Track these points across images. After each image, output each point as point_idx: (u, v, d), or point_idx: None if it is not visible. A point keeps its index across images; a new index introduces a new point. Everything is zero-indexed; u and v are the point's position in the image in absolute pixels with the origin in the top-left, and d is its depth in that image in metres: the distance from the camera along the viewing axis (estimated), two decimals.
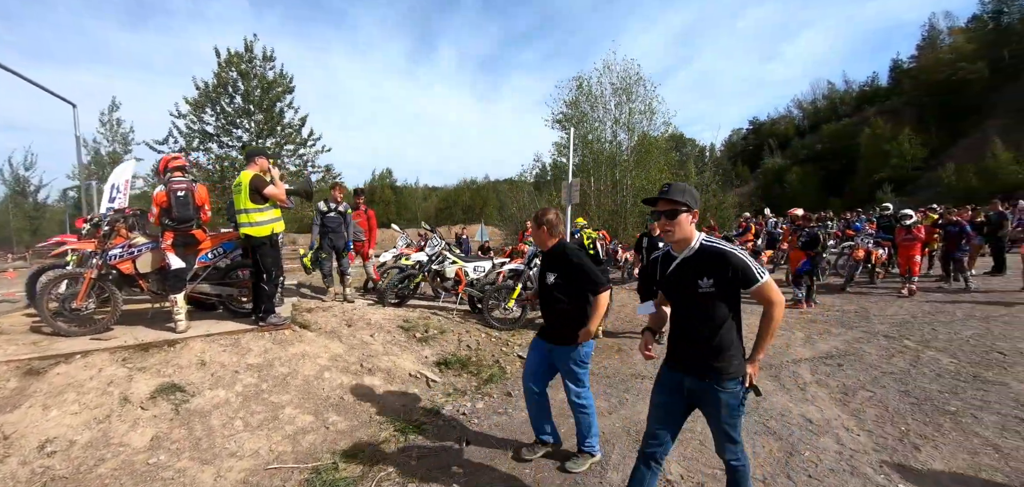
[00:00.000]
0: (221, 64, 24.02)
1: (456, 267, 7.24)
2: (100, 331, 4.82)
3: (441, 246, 7.23)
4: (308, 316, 5.52)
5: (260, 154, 4.74)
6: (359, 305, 6.81)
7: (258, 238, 4.64)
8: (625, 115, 25.02)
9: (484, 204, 71.42)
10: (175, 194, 4.68)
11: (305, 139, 25.99)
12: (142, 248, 4.81)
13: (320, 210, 7.06)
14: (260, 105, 24.64)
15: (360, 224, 7.68)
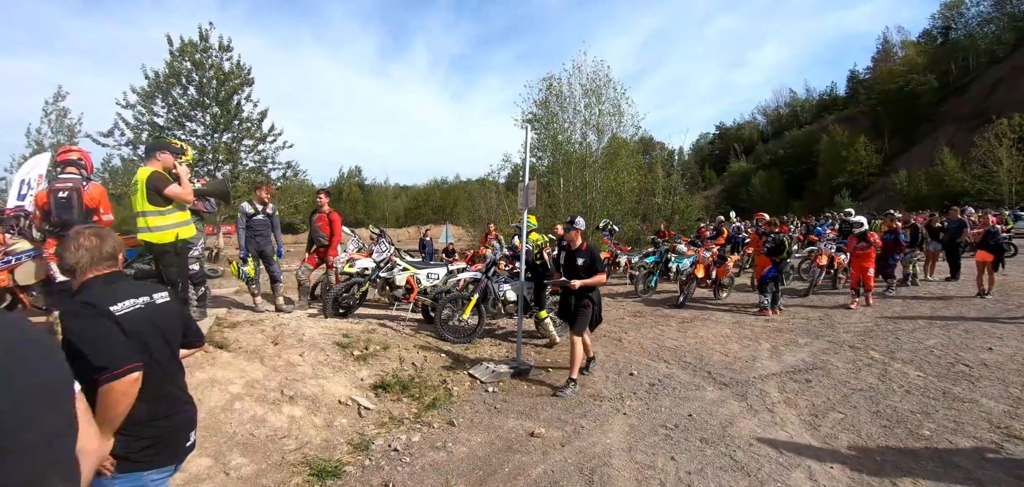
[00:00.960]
0: (173, 53, 22.62)
1: (407, 275, 6.70)
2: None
3: (390, 251, 6.66)
4: (229, 333, 4.88)
5: (163, 148, 4.09)
6: (295, 318, 6.17)
7: (159, 245, 3.99)
8: (594, 116, 24.88)
9: (454, 204, 70.52)
10: (55, 195, 3.98)
11: (264, 134, 24.78)
12: (21, 257, 4.09)
13: (245, 212, 6.36)
14: (216, 98, 23.32)
15: (321, 227, 6.96)
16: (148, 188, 3.92)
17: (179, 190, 4.00)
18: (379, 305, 7.78)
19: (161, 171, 4.02)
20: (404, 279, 6.65)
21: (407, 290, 6.74)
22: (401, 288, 6.69)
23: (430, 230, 15.63)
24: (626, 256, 12.86)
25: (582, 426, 4.00)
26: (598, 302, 5.06)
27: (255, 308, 6.55)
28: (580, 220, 5.08)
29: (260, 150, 25.03)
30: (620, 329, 7.53)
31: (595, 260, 4.92)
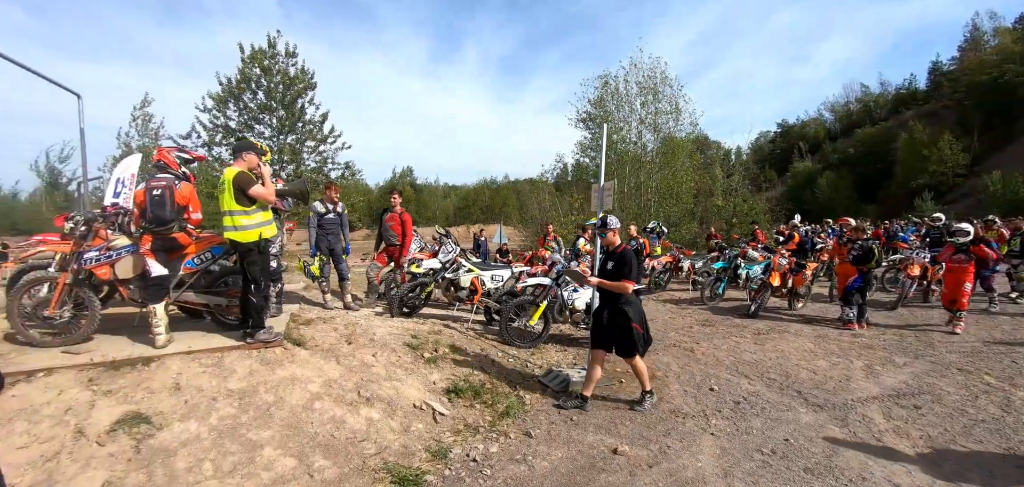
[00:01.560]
0: (244, 60, 24.00)
1: (472, 276, 6.63)
2: (76, 341, 4.34)
3: (456, 252, 6.62)
4: (305, 331, 4.97)
5: (249, 149, 4.19)
6: (363, 316, 6.24)
7: (244, 244, 4.09)
8: (651, 115, 24.14)
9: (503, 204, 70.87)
10: (150, 193, 4.16)
11: (325, 136, 25.80)
12: (121, 252, 4.31)
13: (317, 211, 6.51)
14: (282, 101, 24.54)
15: (393, 227, 7.05)
16: (234, 188, 4.02)
17: (262, 190, 4.08)
18: (440, 305, 7.79)
19: (246, 171, 4.12)
20: (469, 281, 6.59)
21: (471, 292, 6.67)
22: (465, 289, 6.63)
23: (485, 230, 15.60)
24: (689, 260, 12.27)
25: (668, 446, 3.74)
26: (638, 319, 4.28)
27: (325, 305, 6.70)
28: (613, 219, 4.47)
29: (321, 151, 26.08)
30: (690, 339, 7.14)
31: (623, 265, 4.22)
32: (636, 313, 4.27)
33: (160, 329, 4.14)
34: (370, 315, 6.42)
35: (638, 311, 4.32)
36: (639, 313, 4.32)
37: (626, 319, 4.22)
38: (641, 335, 4.29)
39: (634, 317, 4.24)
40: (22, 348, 4.21)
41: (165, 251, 4.23)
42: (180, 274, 4.40)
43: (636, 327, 4.24)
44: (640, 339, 4.29)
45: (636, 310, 4.29)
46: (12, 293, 4.27)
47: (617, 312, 4.27)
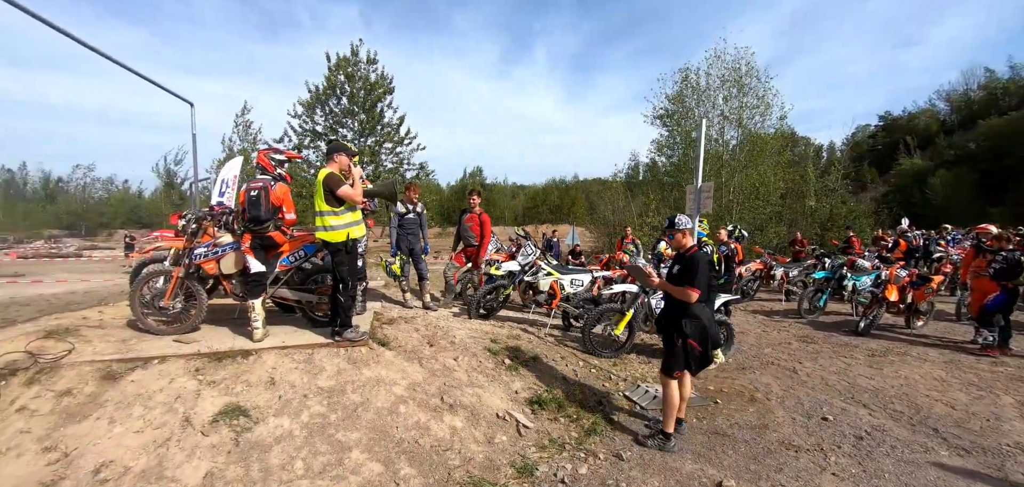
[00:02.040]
0: (331, 68, 25.59)
1: (551, 280, 6.40)
2: (186, 330, 4.66)
3: (535, 255, 6.43)
4: (388, 331, 5.00)
5: (341, 150, 4.25)
6: (442, 316, 6.23)
7: (333, 243, 4.15)
8: (734, 110, 22.58)
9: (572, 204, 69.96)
10: (248, 194, 4.35)
11: (402, 138, 26.85)
12: (226, 248, 4.55)
13: (398, 212, 6.60)
14: (363, 106, 25.87)
15: (472, 228, 7.05)
16: (325, 188, 4.09)
17: (350, 191, 4.12)
18: (515, 307, 7.65)
19: (337, 172, 4.18)
20: (548, 284, 6.37)
21: (549, 296, 6.45)
22: (544, 294, 6.42)
23: (557, 231, 15.29)
24: (782, 268, 11.23)
25: (782, 484, 3.28)
26: (696, 334, 3.66)
27: (404, 304, 6.79)
28: (682, 219, 3.80)
29: (398, 153, 27.21)
30: (790, 357, 6.43)
31: (689, 270, 3.63)
32: (696, 328, 3.65)
33: (257, 323, 4.32)
34: (448, 316, 6.40)
35: (700, 327, 3.66)
36: (700, 329, 3.67)
37: (680, 330, 3.67)
38: (696, 353, 3.69)
39: (692, 331, 3.64)
40: (141, 335, 4.57)
41: (263, 249, 4.41)
42: (276, 271, 4.57)
43: (692, 343, 3.65)
44: (691, 357, 3.69)
45: (697, 325, 3.66)
46: (134, 284, 4.66)
47: (674, 321, 3.74)
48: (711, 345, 3.77)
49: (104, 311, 5.42)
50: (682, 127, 22.17)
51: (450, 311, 6.87)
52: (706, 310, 3.77)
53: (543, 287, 6.39)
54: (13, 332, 4.32)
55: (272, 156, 4.46)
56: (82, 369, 3.82)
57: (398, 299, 7.14)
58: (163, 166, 40.30)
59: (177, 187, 40.61)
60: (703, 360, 3.78)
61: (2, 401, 3.54)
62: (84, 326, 4.71)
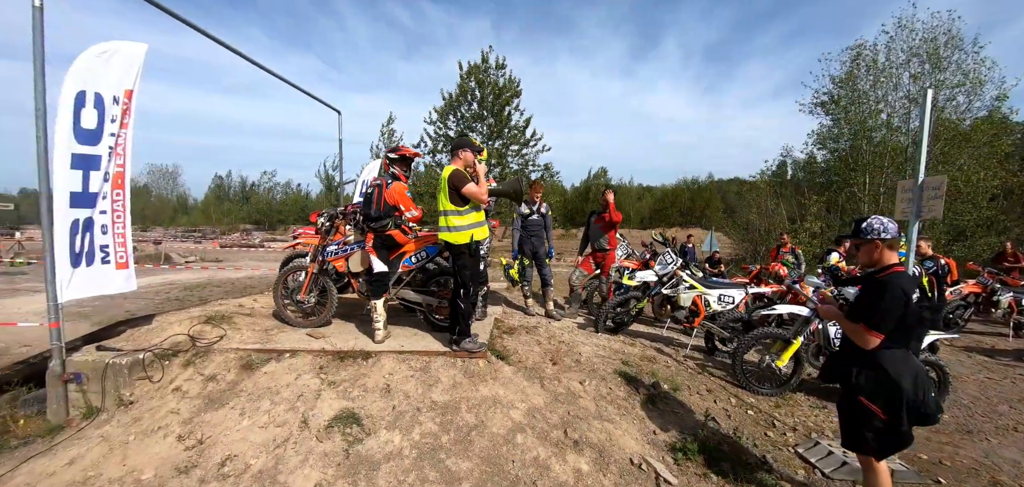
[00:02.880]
0: (463, 75, 26.84)
1: (694, 294, 5.46)
2: (318, 324, 4.79)
3: (675, 265, 5.54)
4: (508, 342, 4.59)
5: (466, 146, 3.94)
6: (566, 327, 5.67)
7: (456, 245, 3.85)
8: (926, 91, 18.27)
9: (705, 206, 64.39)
10: (364, 191, 4.26)
11: (528, 140, 27.08)
12: (353, 247, 4.56)
13: (521, 213, 6.20)
14: (492, 109, 26.65)
15: (604, 231, 6.43)
16: (449, 186, 3.81)
17: (475, 189, 3.77)
18: (644, 319, 6.76)
19: (461, 169, 3.87)
20: (690, 299, 5.44)
21: (691, 313, 5.51)
22: (684, 309, 5.50)
23: (692, 236, 13.77)
24: (1010, 292, 8.52)
25: None
26: (880, 394, 2.43)
27: (526, 309, 6.39)
28: (880, 222, 2.54)
29: (524, 154, 27.49)
30: None
31: (871, 299, 2.44)
32: (878, 386, 2.43)
33: (379, 324, 4.21)
34: (573, 328, 5.83)
35: (887, 384, 2.40)
36: (886, 387, 2.40)
37: (851, 388, 2.53)
38: (878, 424, 2.43)
39: (868, 388, 2.45)
40: (281, 326, 4.80)
41: (386, 248, 4.30)
42: (399, 271, 4.45)
43: (872, 408, 2.44)
44: (869, 426, 2.46)
45: (878, 380, 2.43)
46: (278, 278, 4.92)
47: (843, 372, 2.60)
48: (911, 413, 2.39)
49: (258, 299, 5.90)
50: (852, 114, 18.60)
51: (574, 322, 6.29)
52: (901, 360, 2.42)
53: (684, 302, 5.47)
54: (182, 316, 4.82)
55: (389, 154, 4.37)
56: (227, 356, 4.04)
57: (520, 304, 6.77)
58: (323, 171, 46.31)
59: (335, 189, 46.44)
60: (893, 437, 2.45)
61: (164, 380, 3.87)
62: (238, 314, 5.11)
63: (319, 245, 4.67)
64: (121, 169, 3.92)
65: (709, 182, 70.48)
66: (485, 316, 5.29)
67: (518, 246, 6.17)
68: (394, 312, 4.86)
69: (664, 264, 5.57)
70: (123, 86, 3.90)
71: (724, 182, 75.16)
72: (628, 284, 5.70)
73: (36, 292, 9.03)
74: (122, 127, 3.91)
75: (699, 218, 64.23)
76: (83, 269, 3.85)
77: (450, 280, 4.37)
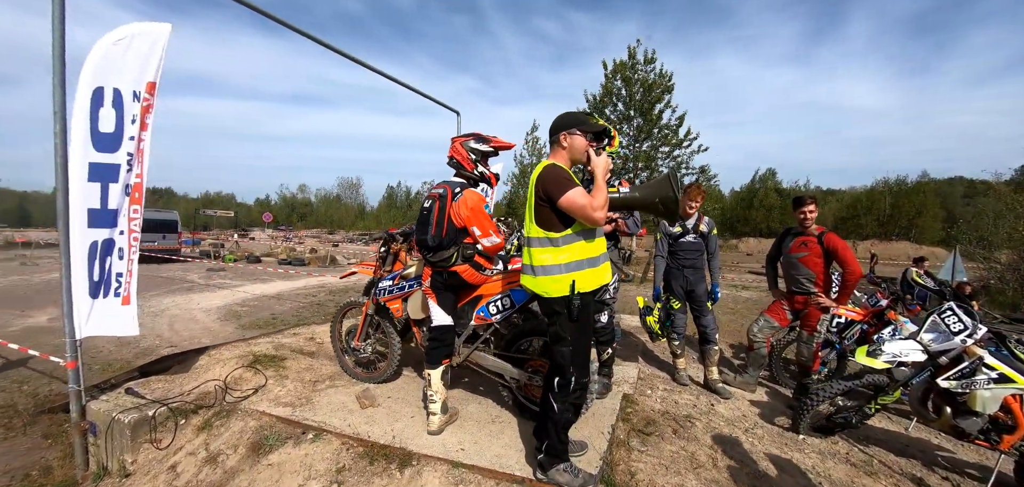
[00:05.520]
0: (608, 75, 24.89)
1: (1007, 392, 2.88)
2: (380, 380, 3.57)
3: (969, 334, 2.98)
4: (639, 459, 2.74)
5: (574, 125, 2.23)
6: (740, 415, 3.54)
7: (546, 299, 2.18)
8: None
9: (918, 215, 51.05)
10: (421, 209, 2.79)
11: (681, 139, 23.97)
12: (413, 284, 3.20)
13: (668, 232, 4.20)
14: (639, 108, 24.18)
15: (806, 261, 3.92)
16: (537, 196, 2.16)
17: (583, 200, 2.05)
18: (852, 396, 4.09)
19: (561, 166, 2.19)
20: (997, 401, 2.88)
21: (999, 427, 2.95)
22: (979, 418, 2.95)
23: (926, 260, 9.62)
24: None
25: None
26: None
27: (675, 373, 4.37)
28: None
29: (676, 155, 24.39)
30: None
31: None
32: None
33: (435, 406, 2.75)
34: (752, 417, 3.67)
35: None
36: None
37: None
38: None
39: None
40: (333, 380, 3.68)
41: (451, 290, 2.82)
42: (471, 324, 2.93)
43: None
44: None
45: None
46: (335, 314, 3.83)
47: None
48: None
49: None
50: None
51: (750, 395, 4.09)
52: None
53: (983, 406, 2.91)
54: (236, 352, 4.02)
55: (469, 145, 2.80)
56: (246, 424, 3.00)
57: (665, 361, 4.78)
58: None
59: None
60: None
61: (171, 446, 2.96)
62: (296, 353, 4.18)
63: (375, 278, 3.42)
64: (140, 180, 3.14)
65: (923, 182, 55.89)
66: (607, 391, 3.49)
67: (663, 282, 4.20)
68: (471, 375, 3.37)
69: (942, 332, 3.07)
70: (144, 78, 3.11)
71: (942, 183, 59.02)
72: (867, 362, 3.25)
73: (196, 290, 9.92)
74: (142, 129, 3.12)
75: (907, 229, 51.16)
76: (101, 300, 3.15)
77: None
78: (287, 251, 21.62)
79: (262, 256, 21.44)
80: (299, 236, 45.29)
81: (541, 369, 2.87)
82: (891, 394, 3.22)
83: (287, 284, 11.83)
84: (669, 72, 24.03)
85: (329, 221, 67.73)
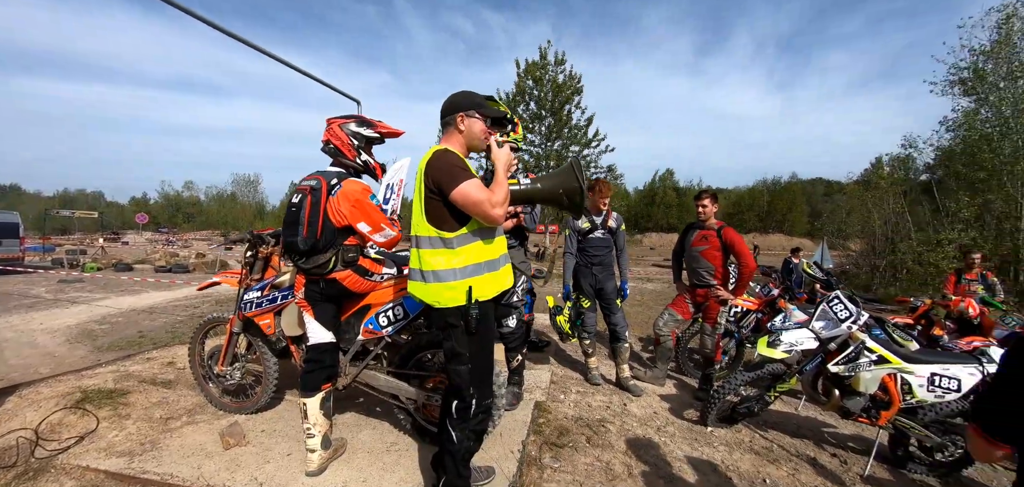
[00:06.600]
0: (520, 74, 25.06)
1: (883, 373, 3.08)
2: (251, 410, 2.99)
3: (853, 320, 3.14)
4: (552, 475, 2.50)
5: (470, 108, 1.91)
6: (652, 414, 3.47)
7: (439, 309, 1.84)
8: None
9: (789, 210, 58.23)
10: (289, 206, 2.31)
11: (590, 139, 24.90)
12: (288, 295, 2.69)
13: (576, 228, 4.10)
14: (551, 108, 24.66)
15: (706, 254, 3.99)
16: (427, 187, 1.80)
17: (480, 194, 1.73)
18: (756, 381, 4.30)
19: (454, 152, 1.85)
20: (877, 381, 3.07)
21: (876, 404, 3.14)
22: (863, 398, 3.12)
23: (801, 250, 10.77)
24: None
25: None
26: None
27: (587, 373, 4.25)
28: None
29: (585, 155, 25.26)
30: None
31: None
32: None
33: (313, 441, 2.29)
34: (664, 415, 3.63)
35: None
36: None
37: None
38: None
39: None
40: (193, 415, 3.03)
41: (332, 301, 2.37)
42: (358, 338, 2.50)
43: None
44: None
45: None
46: (194, 334, 3.17)
47: None
48: None
49: None
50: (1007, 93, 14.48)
51: (660, 390, 4.09)
52: None
53: (865, 385, 3.09)
54: (56, 389, 3.19)
55: (350, 128, 2.36)
56: (62, 485, 2.31)
57: (578, 361, 4.66)
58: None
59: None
60: None
61: None
62: (145, 384, 3.43)
63: (239, 287, 2.84)
64: None
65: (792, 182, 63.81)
66: (518, 401, 3.24)
67: (572, 279, 4.05)
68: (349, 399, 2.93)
69: (831, 320, 3.22)
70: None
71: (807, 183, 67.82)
72: (770, 356, 3.34)
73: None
74: None
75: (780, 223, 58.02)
76: None
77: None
78: (166, 257, 19.01)
79: (135, 263, 18.62)
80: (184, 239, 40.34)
81: (442, 386, 2.52)
82: (788, 381, 3.31)
83: (163, 295, 10.24)
84: (578, 74, 24.76)
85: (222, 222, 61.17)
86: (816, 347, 3.22)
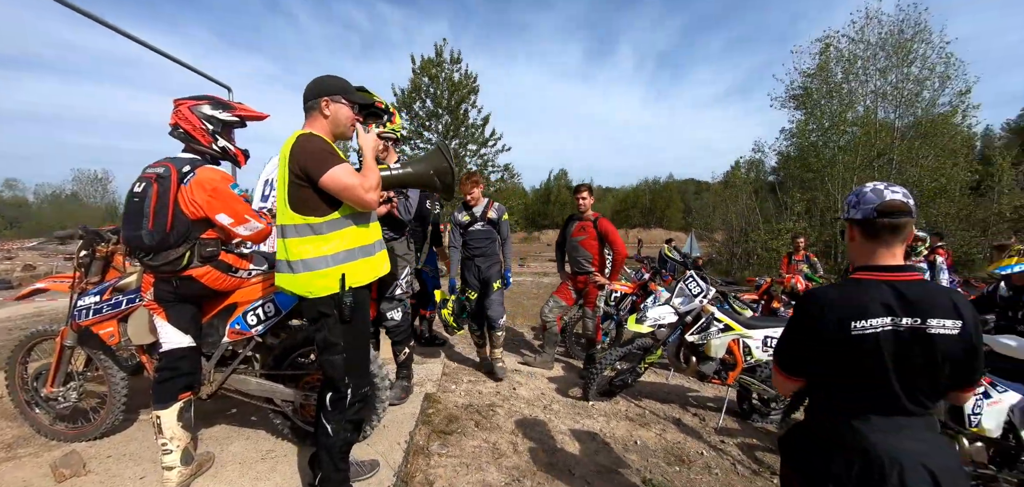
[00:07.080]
0: (416, 70, 24.58)
1: (728, 339, 3.58)
2: (97, 434, 2.60)
3: (708, 294, 3.61)
4: (440, 461, 2.54)
5: (333, 93, 1.88)
6: (539, 393, 3.67)
7: (311, 299, 1.79)
8: (897, 83, 17.58)
9: (667, 207, 64.52)
10: (130, 195, 2.09)
11: (486, 139, 25.23)
12: (134, 299, 2.39)
13: (458, 221, 4.19)
14: (447, 107, 24.55)
15: (584, 243, 4.36)
16: (294, 172, 1.72)
17: (351, 179, 1.71)
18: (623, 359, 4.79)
19: (321, 137, 1.80)
20: (724, 346, 3.56)
21: (725, 366, 3.65)
22: (714, 361, 3.62)
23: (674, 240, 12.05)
24: None
25: None
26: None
27: (484, 364, 4.34)
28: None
29: (482, 154, 25.55)
30: None
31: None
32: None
33: (171, 458, 2.07)
34: (550, 394, 3.85)
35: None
36: None
37: None
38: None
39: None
40: (16, 449, 2.56)
41: (188, 301, 2.16)
42: (223, 340, 2.31)
43: None
44: None
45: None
46: (13, 352, 2.67)
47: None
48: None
49: None
50: (826, 108, 17.62)
51: (548, 373, 4.33)
52: None
53: (715, 351, 3.58)
54: None
55: (202, 111, 2.16)
56: None
57: (470, 352, 4.74)
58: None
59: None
60: None
61: None
62: None
63: (73, 294, 2.46)
64: None
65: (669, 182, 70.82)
66: (407, 394, 3.22)
67: (458, 271, 4.10)
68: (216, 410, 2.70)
69: (686, 296, 3.67)
70: None
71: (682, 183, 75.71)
72: (639, 331, 3.72)
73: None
74: None
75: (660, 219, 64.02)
76: None
77: None
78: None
79: None
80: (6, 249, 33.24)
81: (316, 386, 2.43)
82: (655, 353, 3.71)
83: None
84: (474, 73, 24.94)
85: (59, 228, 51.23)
86: (676, 321, 3.65)
